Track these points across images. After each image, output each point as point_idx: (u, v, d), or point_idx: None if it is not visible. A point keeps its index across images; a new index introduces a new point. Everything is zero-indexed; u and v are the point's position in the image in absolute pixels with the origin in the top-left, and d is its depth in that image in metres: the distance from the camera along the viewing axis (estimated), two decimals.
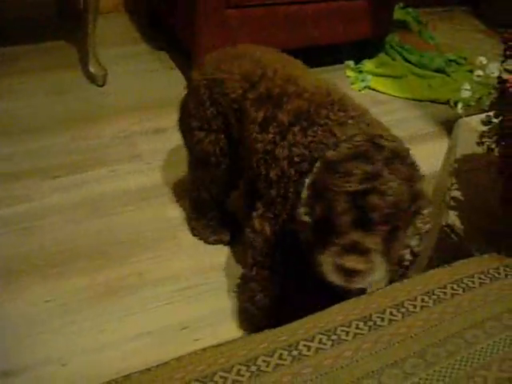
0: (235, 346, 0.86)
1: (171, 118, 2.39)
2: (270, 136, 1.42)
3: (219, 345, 0.88)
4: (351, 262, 1.07)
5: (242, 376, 0.77)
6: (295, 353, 0.84)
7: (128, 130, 2.36)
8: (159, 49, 2.93)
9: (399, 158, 1.11)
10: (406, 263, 1.20)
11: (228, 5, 2.44)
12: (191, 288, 1.75)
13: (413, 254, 1.19)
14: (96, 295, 1.71)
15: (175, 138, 2.29)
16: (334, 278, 1.10)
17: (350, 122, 1.29)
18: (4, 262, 1.78)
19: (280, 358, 0.83)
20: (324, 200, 1.11)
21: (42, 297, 1.69)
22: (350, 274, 1.08)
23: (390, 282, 1.16)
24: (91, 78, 2.61)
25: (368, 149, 1.10)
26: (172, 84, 2.66)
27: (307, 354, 0.83)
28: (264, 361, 0.82)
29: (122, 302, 1.70)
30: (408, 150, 1.16)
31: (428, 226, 1.18)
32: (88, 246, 1.86)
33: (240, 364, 0.82)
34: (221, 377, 0.76)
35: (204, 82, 1.63)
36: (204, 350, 0.86)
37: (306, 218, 1.20)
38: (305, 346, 0.85)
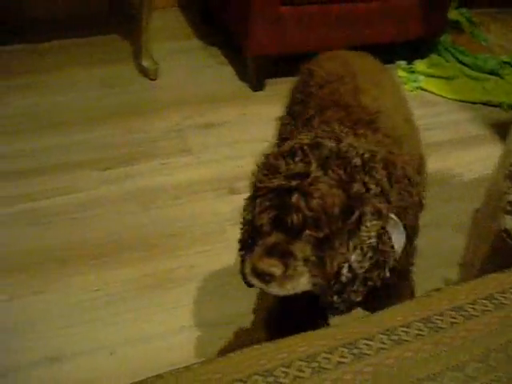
0: (294, 342, 0.85)
1: (222, 114, 2.43)
2: None
3: (276, 341, 0.87)
4: (265, 264, 0.99)
5: (303, 372, 0.76)
6: (356, 351, 0.83)
7: (179, 124, 2.38)
8: (211, 44, 2.94)
9: (340, 159, 1.01)
10: (343, 279, 1.03)
11: (282, 1, 2.43)
12: (240, 283, 1.74)
13: (352, 270, 1.04)
14: (144, 286, 1.73)
15: (226, 133, 2.32)
16: (252, 281, 1.04)
17: (361, 132, 1.19)
18: (53, 251, 1.82)
19: (341, 355, 0.82)
20: (252, 198, 1.07)
21: (91, 286, 1.72)
22: (264, 277, 1.00)
23: (323, 296, 1.07)
24: (143, 72, 2.64)
25: (305, 147, 1.02)
26: (223, 80, 2.67)
27: (368, 352, 0.82)
28: (325, 358, 0.81)
29: (170, 295, 1.71)
30: (371, 158, 1.05)
31: (373, 240, 1.03)
32: (136, 238, 1.88)
33: (300, 360, 0.81)
34: (282, 372, 0.76)
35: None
36: (261, 345, 0.86)
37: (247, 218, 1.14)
38: (365, 344, 0.84)
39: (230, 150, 2.22)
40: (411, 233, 1.20)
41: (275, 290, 1.02)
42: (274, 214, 0.99)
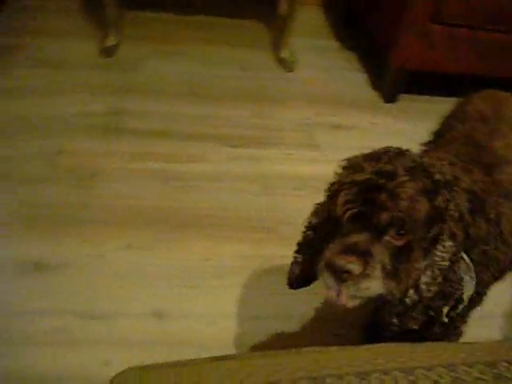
0: (433, 348, 0.86)
1: (351, 118, 2.45)
2: None
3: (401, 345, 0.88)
4: (344, 261, 0.94)
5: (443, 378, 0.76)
6: (495, 371, 0.82)
7: (309, 119, 2.41)
8: (349, 48, 2.95)
9: (423, 171, 0.98)
10: (408, 301, 1.00)
11: (433, 19, 2.41)
12: None
13: (419, 292, 0.99)
14: (255, 266, 1.77)
15: (354, 138, 2.33)
16: (326, 277, 0.98)
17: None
18: (177, 213, 1.89)
19: (480, 372, 0.81)
20: (330, 196, 1.04)
21: (204, 254, 1.78)
22: (341, 274, 0.94)
23: (387, 312, 1.04)
24: (281, 63, 2.69)
25: (390, 153, 1.00)
26: (356, 85, 2.68)
27: (508, 375, 0.81)
28: (465, 371, 0.81)
29: (279, 280, 1.73)
30: (454, 182, 1.01)
31: (446, 263, 0.98)
32: (254, 219, 1.92)
33: (441, 366, 0.81)
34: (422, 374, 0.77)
35: None
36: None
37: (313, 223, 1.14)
38: (504, 367, 0.83)
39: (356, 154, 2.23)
40: (481, 291, 1.16)
41: (350, 289, 0.96)
42: (359, 209, 0.95)
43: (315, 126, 2.38)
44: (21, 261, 1.69)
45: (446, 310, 1.02)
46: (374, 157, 1.00)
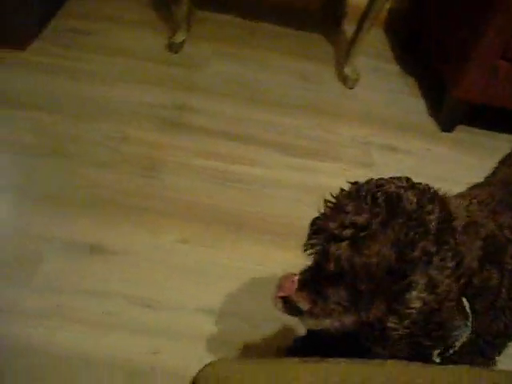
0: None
1: (407, 142, 2.47)
2: None
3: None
4: (295, 296, 1.02)
5: None
6: None
7: (366, 138, 2.42)
8: (408, 73, 2.96)
9: (412, 220, 0.93)
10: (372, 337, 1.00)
11: (503, 56, 2.42)
12: None
13: (386, 332, 0.97)
14: None
15: (408, 162, 2.35)
16: (281, 309, 1.06)
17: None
18: (229, 214, 1.92)
19: None
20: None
21: (256, 259, 1.80)
22: (293, 308, 1.02)
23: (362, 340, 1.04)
24: (342, 78, 2.71)
25: (378, 195, 0.97)
26: (414, 111, 2.69)
27: None
28: None
29: None
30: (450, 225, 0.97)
31: (414, 312, 0.94)
32: (306, 230, 1.93)
33: None
34: None
35: None
36: None
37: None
38: None
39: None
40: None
41: (303, 322, 1.06)
42: (317, 257, 1.01)
43: (371, 146, 2.39)
44: (77, 242, 1.73)
45: (436, 351, 1.02)
46: (359, 195, 0.99)
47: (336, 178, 2.17)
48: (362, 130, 2.47)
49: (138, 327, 1.55)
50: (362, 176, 2.22)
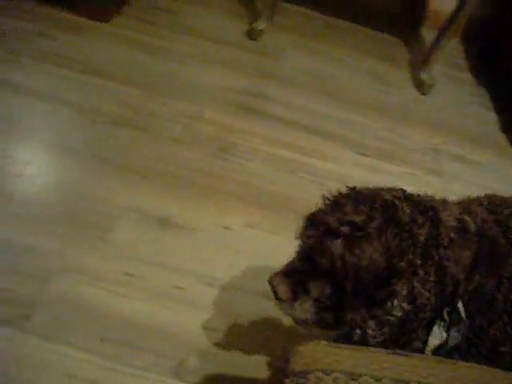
0: None
1: (477, 153, 2.44)
2: None
3: None
4: (277, 283, 1.03)
5: None
6: None
7: (436, 145, 2.41)
8: (482, 84, 2.92)
9: (404, 232, 0.96)
10: (355, 337, 1.01)
11: None
12: None
13: (366, 335, 0.99)
14: None
15: (477, 174, 2.34)
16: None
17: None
18: (297, 204, 1.93)
19: None
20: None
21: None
22: (275, 293, 1.03)
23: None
24: (417, 83, 2.69)
25: (377, 205, 0.98)
26: (485, 123, 2.65)
27: None
28: None
29: None
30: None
31: (394, 320, 0.97)
32: None
33: None
34: None
35: None
36: None
37: None
38: None
39: (478, 191, 2.22)
40: None
41: (282, 309, 1.06)
42: (309, 249, 1.00)
43: (441, 153, 2.38)
44: (147, 213, 1.76)
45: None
46: (357, 199, 1.01)
47: (402, 182, 2.15)
48: (432, 137, 2.45)
49: (201, 304, 1.59)
50: (430, 183, 2.23)
